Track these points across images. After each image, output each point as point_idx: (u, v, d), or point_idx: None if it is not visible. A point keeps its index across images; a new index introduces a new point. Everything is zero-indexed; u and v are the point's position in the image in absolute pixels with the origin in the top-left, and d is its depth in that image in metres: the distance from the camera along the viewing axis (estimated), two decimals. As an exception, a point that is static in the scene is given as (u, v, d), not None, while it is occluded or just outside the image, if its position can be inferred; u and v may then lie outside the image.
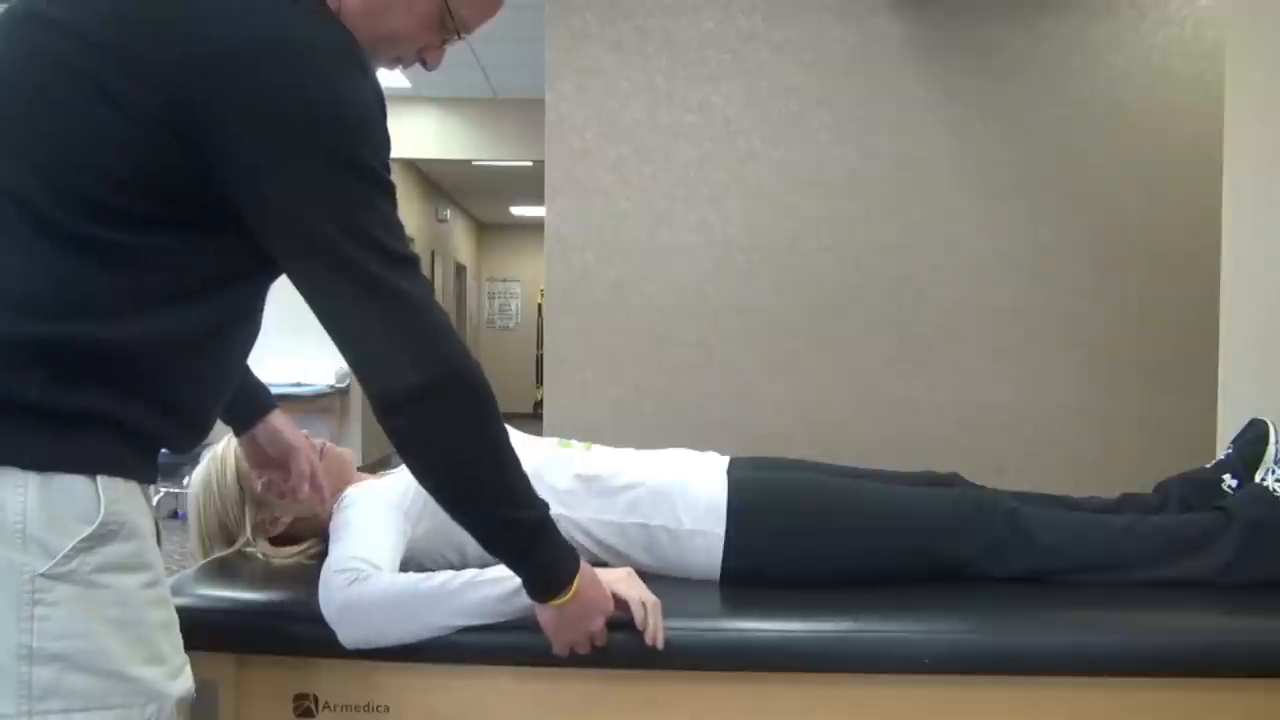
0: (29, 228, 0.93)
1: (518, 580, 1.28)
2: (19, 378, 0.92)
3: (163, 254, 0.97)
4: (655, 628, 1.34)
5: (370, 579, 1.37)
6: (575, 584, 1.25)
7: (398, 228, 1.04)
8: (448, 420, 1.08)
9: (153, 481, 1.04)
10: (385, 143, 1.03)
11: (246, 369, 1.49)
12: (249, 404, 1.51)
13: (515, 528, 1.19)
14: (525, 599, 1.29)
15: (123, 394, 0.97)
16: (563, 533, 1.62)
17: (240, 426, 1.52)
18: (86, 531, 0.92)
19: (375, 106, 1.01)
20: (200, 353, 1.04)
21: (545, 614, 1.28)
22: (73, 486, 0.93)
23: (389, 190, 1.03)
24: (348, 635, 1.35)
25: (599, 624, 1.31)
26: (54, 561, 0.91)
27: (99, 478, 0.94)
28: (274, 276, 1.09)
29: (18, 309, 0.93)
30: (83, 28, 0.95)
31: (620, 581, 1.36)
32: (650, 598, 1.36)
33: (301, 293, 1.03)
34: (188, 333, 1.01)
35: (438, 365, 1.06)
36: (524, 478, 1.18)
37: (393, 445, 1.08)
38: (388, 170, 1.03)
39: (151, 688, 0.96)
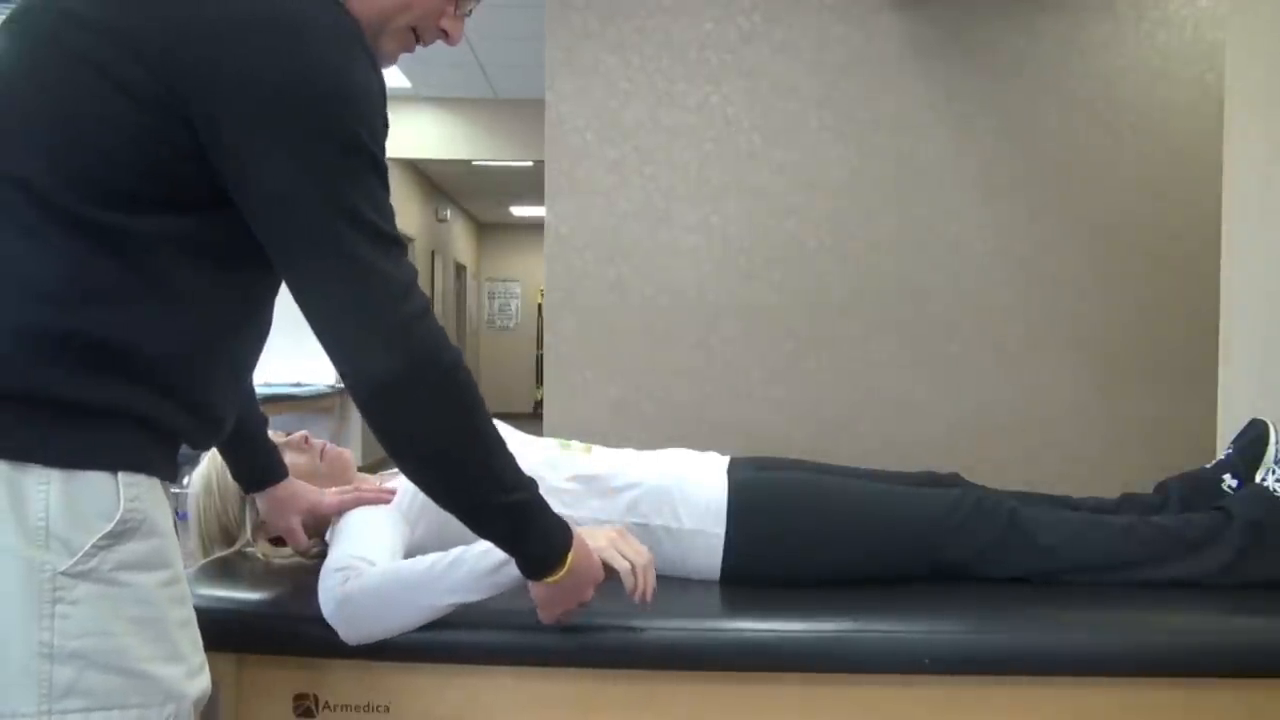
0: (36, 213, 0.93)
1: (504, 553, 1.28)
2: (43, 369, 0.92)
3: (175, 241, 0.97)
4: (643, 589, 1.34)
5: (364, 574, 1.37)
6: (569, 560, 1.24)
7: (387, 209, 1.02)
8: (426, 409, 1.05)
9: (174, 479, 1.03)
10: (380, 122, 1.01)
11: (265, 436, 1.55)
12: (253, 472, 1.57)
13: (505, 513, 1.17)
14: (515, 570, 1.28)
15: (145, 388, 0.96)
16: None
17: (245, 488, 1.60)
18: (106, 529, 0.92)
19: (370, 84, 1.00)
20: (217, 344, 1.03)
21: (538, 589, 1.28)
22: (95, 483, 0.92)
23: (380, 170, 1.01)
24: (348, 632, 1.35)
25: (589, 594, 1.31)
26: (75, 559, 0.90)
27: (120, 474, 0.94)
28: None
29: (39, 298, 0.93)
30: (86, 12, 0.95)
31: (608, 549, 1.34)
32: (640, 559, 1.35)
33: (283, 275, 1.02)
34: (204, 323, 1.00)
35: (416, 353, 1.03)
36: (510, 461, 1.16)
37: (374, 434, 1.06)
38: (382, 151, 1.01)
39: (170, 687, 0.96)
